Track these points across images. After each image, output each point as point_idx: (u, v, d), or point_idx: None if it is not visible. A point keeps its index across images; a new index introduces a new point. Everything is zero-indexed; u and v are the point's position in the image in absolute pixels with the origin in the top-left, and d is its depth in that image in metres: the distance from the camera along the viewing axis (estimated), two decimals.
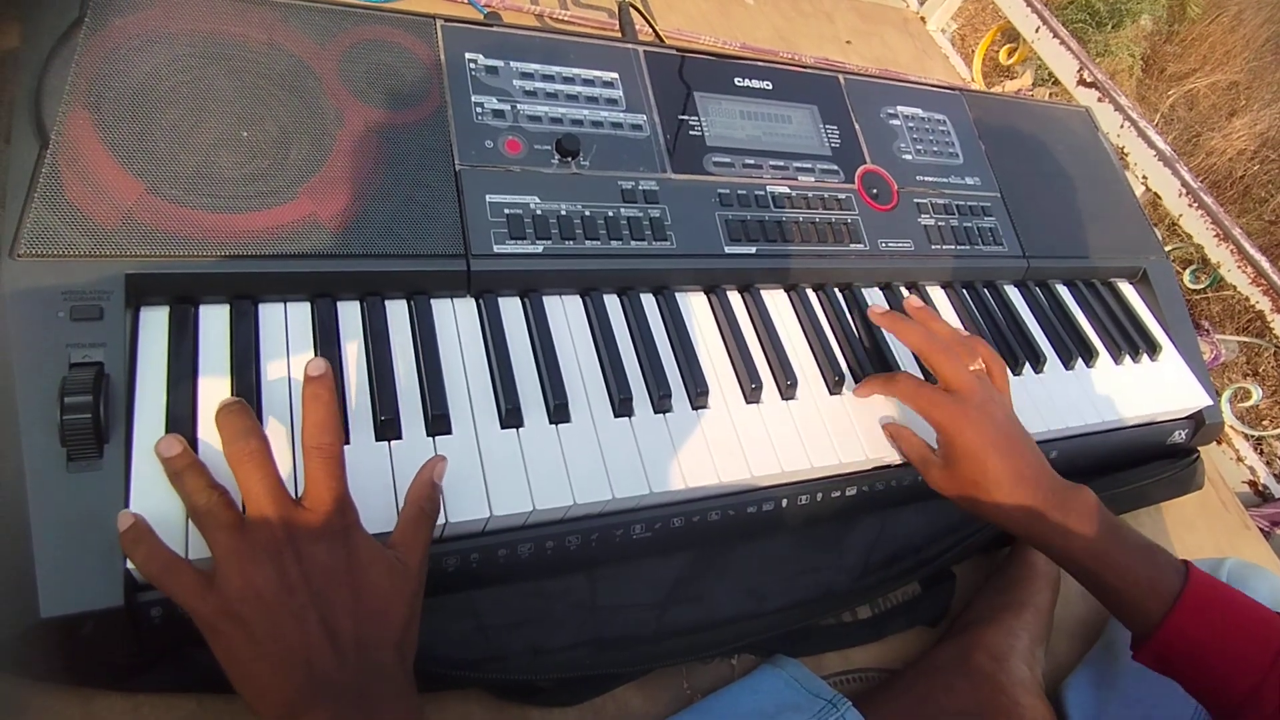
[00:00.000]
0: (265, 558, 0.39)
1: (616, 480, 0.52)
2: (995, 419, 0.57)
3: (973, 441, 0.56)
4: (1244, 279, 1.06)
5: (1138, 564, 0.53)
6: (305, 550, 0.39)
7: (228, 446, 0.41)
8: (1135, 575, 0.52)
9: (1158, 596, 0.52)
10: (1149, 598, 0.52)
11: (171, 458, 0.41)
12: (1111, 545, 0.53)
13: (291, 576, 0.39)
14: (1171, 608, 0.51)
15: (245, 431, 0.41)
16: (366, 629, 0.39)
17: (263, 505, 0.40)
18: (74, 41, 0.49)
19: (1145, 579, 0.52)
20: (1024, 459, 0.56)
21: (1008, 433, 0.57)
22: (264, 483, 0.40)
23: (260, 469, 0.40)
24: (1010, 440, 0.56)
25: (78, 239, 0.45)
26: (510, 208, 0.57)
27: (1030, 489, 0.55)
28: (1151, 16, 3.34)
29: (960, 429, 0.56)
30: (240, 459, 0.41)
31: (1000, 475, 0.55)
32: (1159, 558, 0.54)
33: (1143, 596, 0.52)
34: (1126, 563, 0.53)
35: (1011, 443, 0.56)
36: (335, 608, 0.39)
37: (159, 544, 0.39)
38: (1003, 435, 0.56)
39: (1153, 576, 0.52)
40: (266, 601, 0.38)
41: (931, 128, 0.81)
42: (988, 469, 0.55)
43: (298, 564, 0.39)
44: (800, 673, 0.58)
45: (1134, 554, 0.53)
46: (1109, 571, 0.53)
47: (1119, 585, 0.53)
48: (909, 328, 0.62)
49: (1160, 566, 0.53)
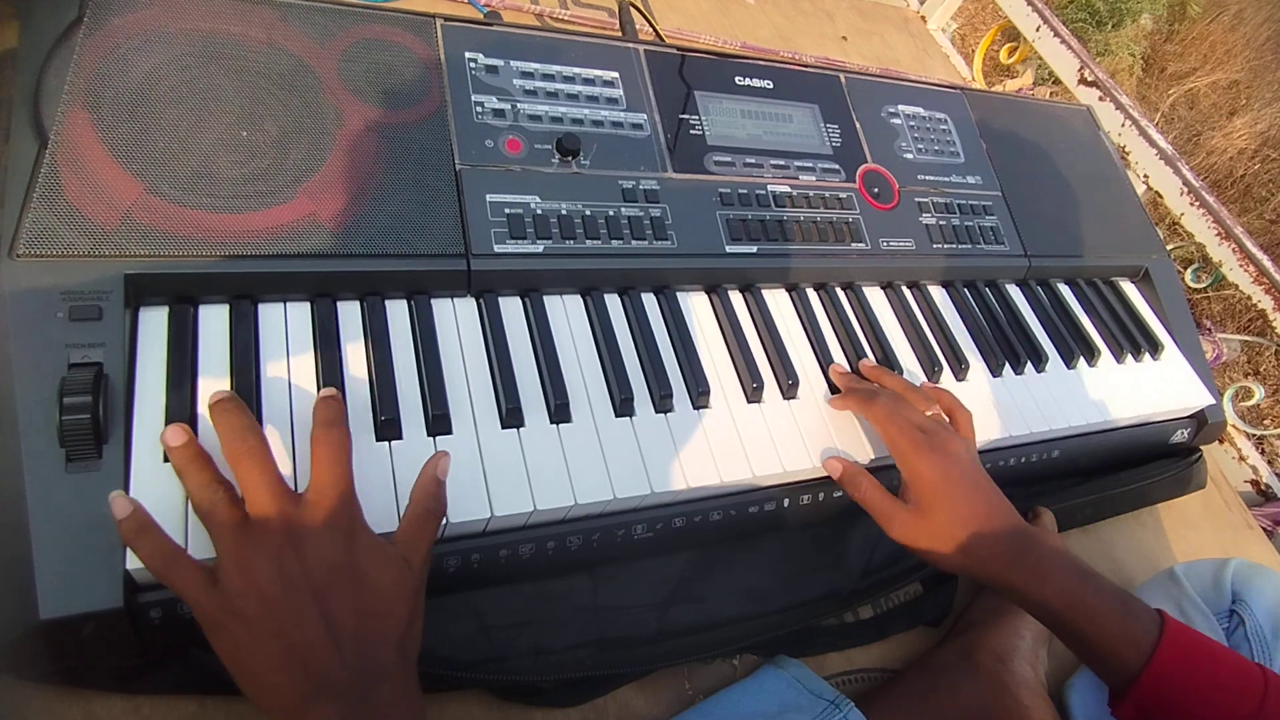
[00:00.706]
0: (267, 555, 0.38)
1: (618, 480, 0.52)
2: (960, 459, 0.56)
3: (937, 478, 0.54)
4: (1246, 278, 1.06)
5: (1113, 611, 0.51)
6: (307, 546, 0.39)
7: (226, 445, 0.41)
8: (1111, 623, 0.50)
9: (1135, 646, 0.49)
10: (1126, 647, 0.49)
11: (177, 448, 0.41)
12: (1085, 591, 0.51)
13: (293, 573, 0.38)
14: (1150, 657, 0.49)
15: (243, 429, 0.41)
16: (368, 626, 0.39)
17: (263, 502, 0.40)
18: (73, 41, 0.49)
19: (1121, 627, 0.50)
20: (992, 500, 0.55)
21: (973, 475, 0.56)
22: (264, 479, 0.40)
23: (259, 466, 0.40)
24: (975, 482, 0.55)
25: (77, 239, 0.45)
26: (511, 207, 0.57)
27: (1000, 529, 0.53)
28: (1152, 15, 3.34)
29: (926, 462, 0.54)
30: (239, 457, 0.41)
31: (969, 514, 0.53)
32: (1133, 605, 0.51)
33: (1120, 645, 0.50)
34: (1102, 611, 0.51)
35: (978, 484, 0.55)
36: (337, 604, 0.39)
37: (163, 537, 0.39)
38: (968, 476, 0.55)
39: (1128, 624, 0.50)
40: (268, 598, 0.38)
41: (932, 127, 0.81)
42: (956, 507, 0.53)
43: (300, 561, 0.39)
44: (802, 673, 0.58)
45: (1108, 600, 0.51)
46: (1083, 619, 0.51)
47: (1094, 634, 0.50)
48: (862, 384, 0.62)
49: (1136, 615, 0.51)
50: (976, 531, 0.53)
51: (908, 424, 0.56)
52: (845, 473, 0.58)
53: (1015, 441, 0.69)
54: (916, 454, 0.55)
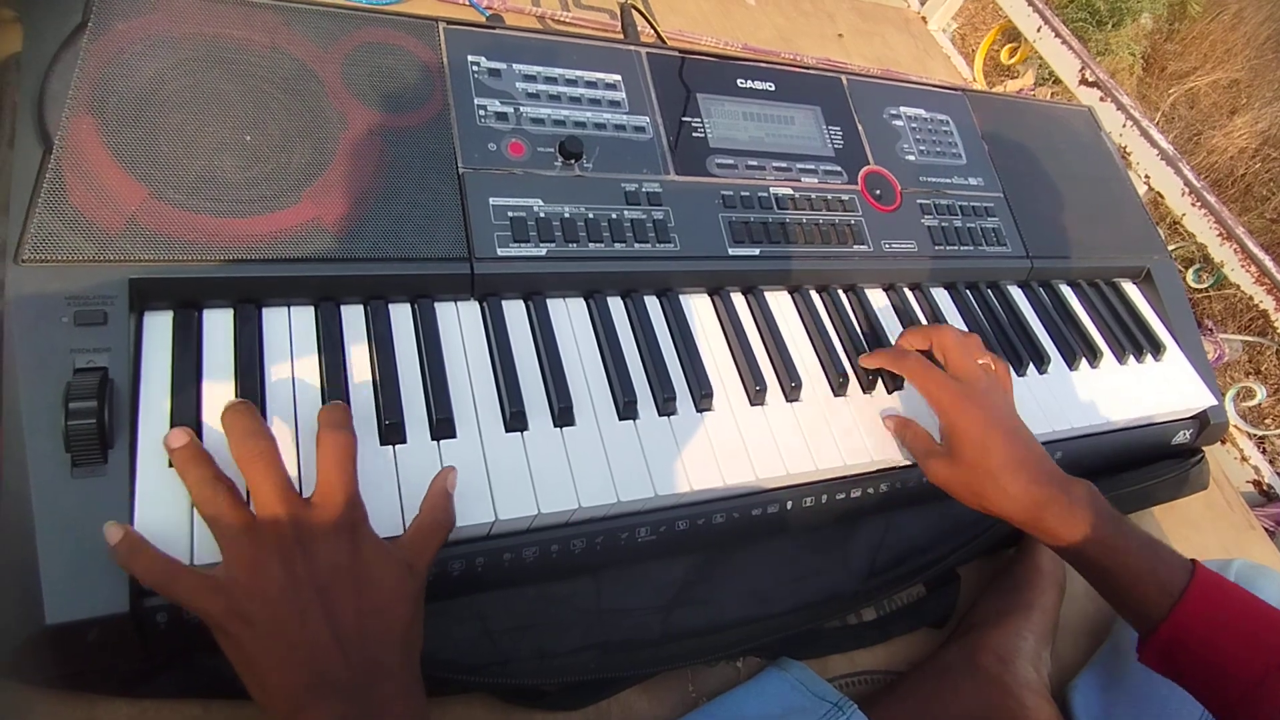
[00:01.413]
0: (273, 557, 0.39)
1: (621, 483, 0.52)
2: (999, 407, 0.58)
3: (977, 425, 0.56)
4: (1247, 278, 1.06)
5: (1144, 556, 0.53)
6: (313, 548, 0.40)
7: (235, 446, 0.41)
8: (1141, 567, 0.52)
9: (1163, 590, 0.51)
10: (1155, 591, 0.51)
11: (178, 449, 0.41)
12: (1117, 537, 0.53)
13: (299, 575, 0.39)
14: (1177, 601, 0.50)
15: (252, 432, 0.41)
16: (371, 625, 0.40)
17: (271, 504, 0.40)
18: (77, 46, 0.49)
19: (1151, 572, 0.52)
20: (1027, 446, 0.57)
21: (1012, 422, 0.58)
22: (272, 481, 0.40)
23: (268, 468, 0.41)
24: (1014, 428, 0.57)
25: (82, 244, 0.45)
26: (514, 210, 0.57)
27: (1034, 475, 0.55)
28: (1152, 15, 3.34)
29: (964, 410, 0.57)
30: (249, 459, 0.41)
31: (1004, 460, 0.55)
32: (1164, 552, 0.53)
33: (1149, 590, 0.52)
34: (1133, 554, 0.53)
35: (1015, 430, 0.57)
36: (341, 604, 0.39)
37: (155, 553, 0.39)
38: (1006, 422, 0.57)
39: (1158, 570, 0.52)
40: (274, 599, 0.38)
41: (934, 128, 0.81)
42: (991, 453, 0.55)
43: (305, 563, 0.39)
44: (806, 675, 0.58)
45: (1140, 546, 0.53)
46: (1115, 563, 0.53)
47: (1125, 578, 0.52)
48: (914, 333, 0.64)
49: (1166, 561, 0.53)
50: (1012, 475, 0.55)
51: (943, 377, 0.59)
52: (895, 425, 0.62)
53: None
54: (954, 404, 0.57)
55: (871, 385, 0.65)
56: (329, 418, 0.44)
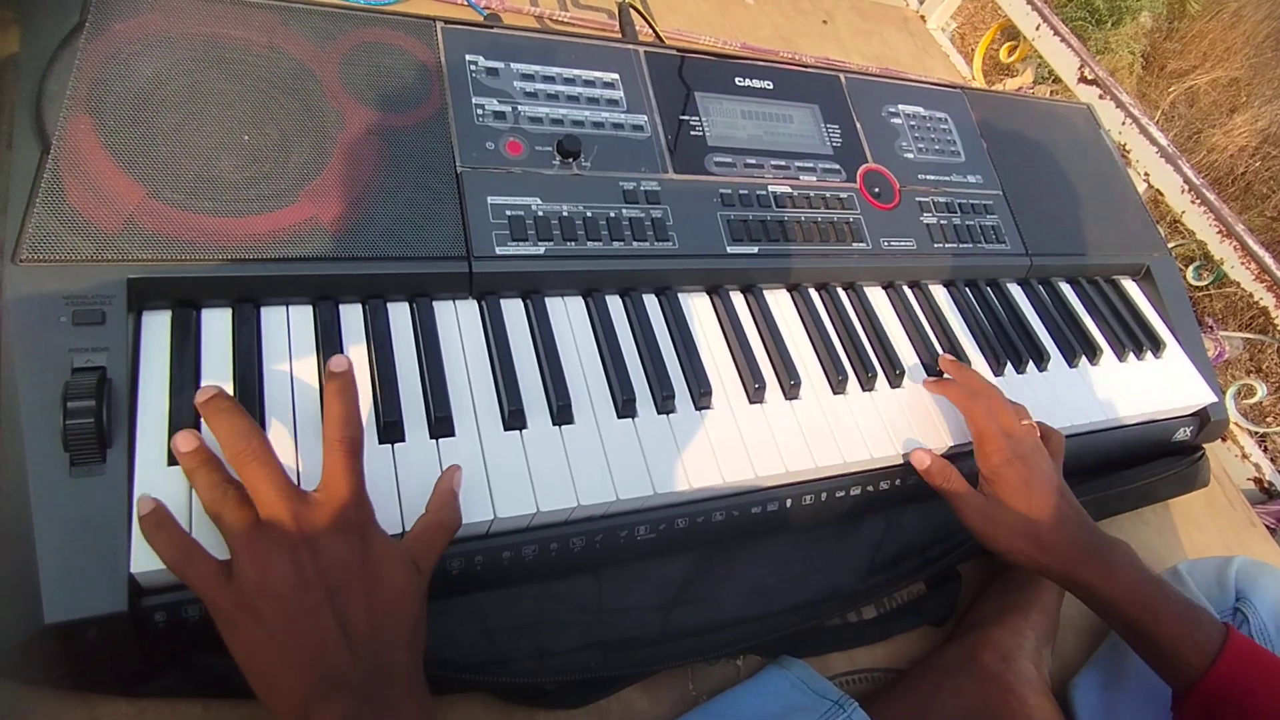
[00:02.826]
0: (282, 554, 0.39)
1: (620, 481, 0.52)
2: (1043, 466, 0.59)
3: (1021, 478, 0.57)
4: (1247, 275, 1.06)
5: (1179, 615, 0.53)
6: (321, 545, 0.40)
7: (228, 449, 0.41)
8: (1177, 627, 0.53)
9: (1199, 650, 0.52)
10: (1191, 651, 0.52)
11: (188, 453, 0.41)
12: (1154, 594, 0.54)
13: (308, 573, 0.39)
14: (1214, 661, 0.51)
15: (245, 432, 0.41)
16: (380, 625, 0.39)
17: (273, 503, 0.40)
18: (75, 46, 0.49)
19: (1188, 632, 0.53)
20: (1070, 504, 0.57)
21: (1056, 482, 0.59)
22: (270, 480, 0.40)
23: (265, 467, 0.40)
24: (1057, 486, 0.58)
25: (80, 244, 0.45)
26: (512, 209, 0.57)
27: (1074, 529, 0.56)
28: (1151, 13, 3.34)
29: (1010, 462, 0.58)
30: (244, 460, 0.40)
31: (1045, 512, 0.56)
32: (1199, 614, 0.54)
33: (1184, 649, 0.52)
34: (1168, 613, 0.53)
35: (1059, 488, 0.58)
36: (350, 603, 0.39)
37: (180, 531, 0.40)
38: (1050, 481, 0.58)
39: (1194, 630, 0.53)
40: (282, 597, 0.38)
41: (933, 126, 0.81)
42: (1034, 506, 0.56)
43: (314, 560, 0.39)
44: (806, 673, 0.58)
45: (1175, 606, 0.54)
46: (1152, 621, 0.53)
47: (1160, 636, 0.53)
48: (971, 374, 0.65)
49: (1201, 622, 0.53)
50: (1051, 529, 0.56)
51: (1001, 429, 0.59)
52: (936, 468, 0.61)
53: None
54: (1002, 458, 0.58)
55: (871, 383, 0.65)
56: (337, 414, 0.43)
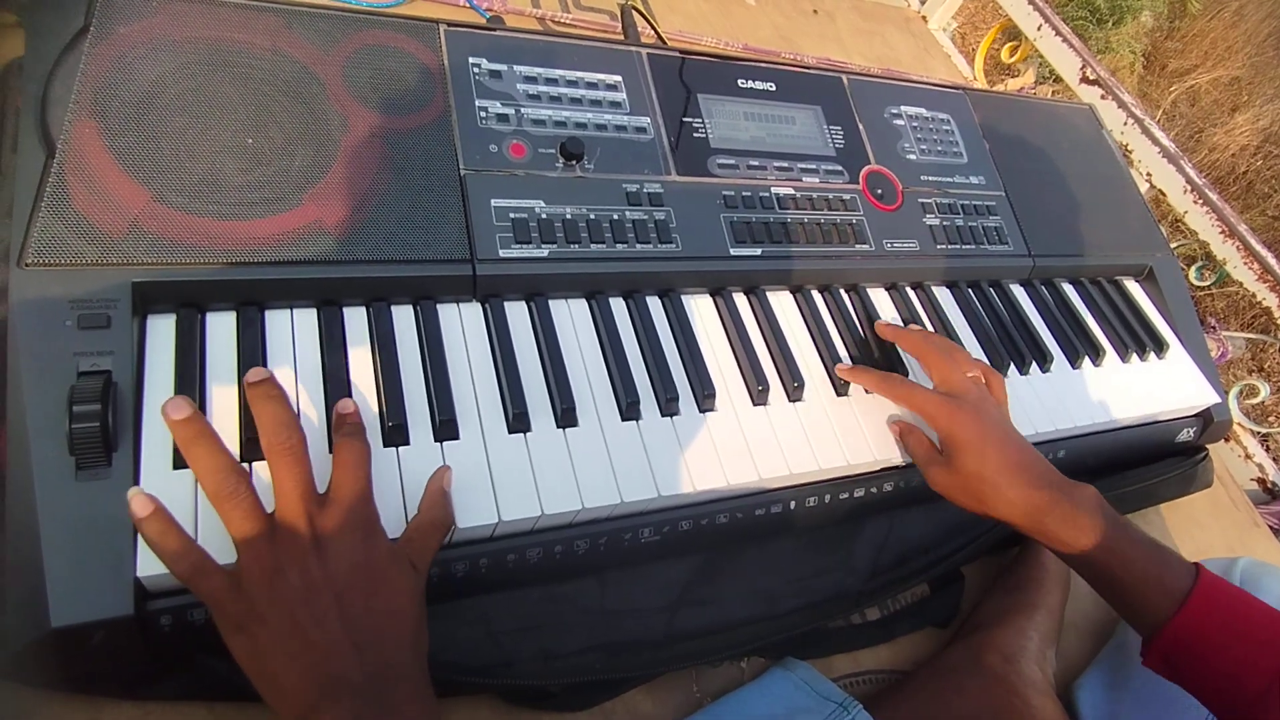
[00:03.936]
0: (292, 565, 0.39)
1: (624, 484, 0.52)
2: (992, 416, 0.58)
3: (971, 434, 0.56)
4: (1250, 275, 1.06)
5: (1148, 559, 0.52)
6: (330, 550, 0.40)
7: (266, 436, 0.41)
8: (1145, 570, 0.52)
9: (1167, 593, 0.51)
10: (1159, 594, 0.51)
11: (180, 421, 0.40)
12: (1121, 539, 0.53)
13: (316, 579, 0.39)
14: (1181, 604, 0.50)
15: (288, 424, 0.41)
16: (384, 626, 0.40)
17: (293, 504, 0.40)
18: (79, 50, 0.49)
19: (1155, 575, 0.52)
20: (1025, 452, 0.57)
21: (1006, 429, 0.58)
22: (296, 480, 0.41)
23: (298, 466, 0.41)
24: (1009, 434, 0.57)
25: (84, 248, 0.45)
26: (515, 212, 0.57)
27: (1034, 479, 0.55)
28: (1152, 13, 3.33)
29: (957, 421, 0.57)
30: (280, 453, 0.41)
31: (1002, 465, 0.55)
32: (1168, 555, 0.53)
33: (1153, 593, 0.51)
34: (1136, 557, 0.52)
35: (1010, 437, 0.57)
36: (356, 607, 0.39)
37: (185, 540, 0.39)
38: (1000, 428, 0.57)
39: (1162, 573, 0.52)
40: (289, 603, 0.38)
41: (935, 127, 0.81)
42: (988, 459, 0.55)
43: (322, 566, 0.40)
44: (810, 675, 0.58)
45: (1143, 549, 0.53)
46: (1119, 566, 0.52)
47: (1129, 581, 0.52)
48: (908, 334, 0.64)
49: (1169, 564, 0.52)
50: (1011, 479, 0.55)
51: (927, 392, 0.59)
52: (900, 430, 0.61)
53: None
54: (948, 416, 0.57)
55: None
56: (346, 419, 0.44)
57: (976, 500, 0.56)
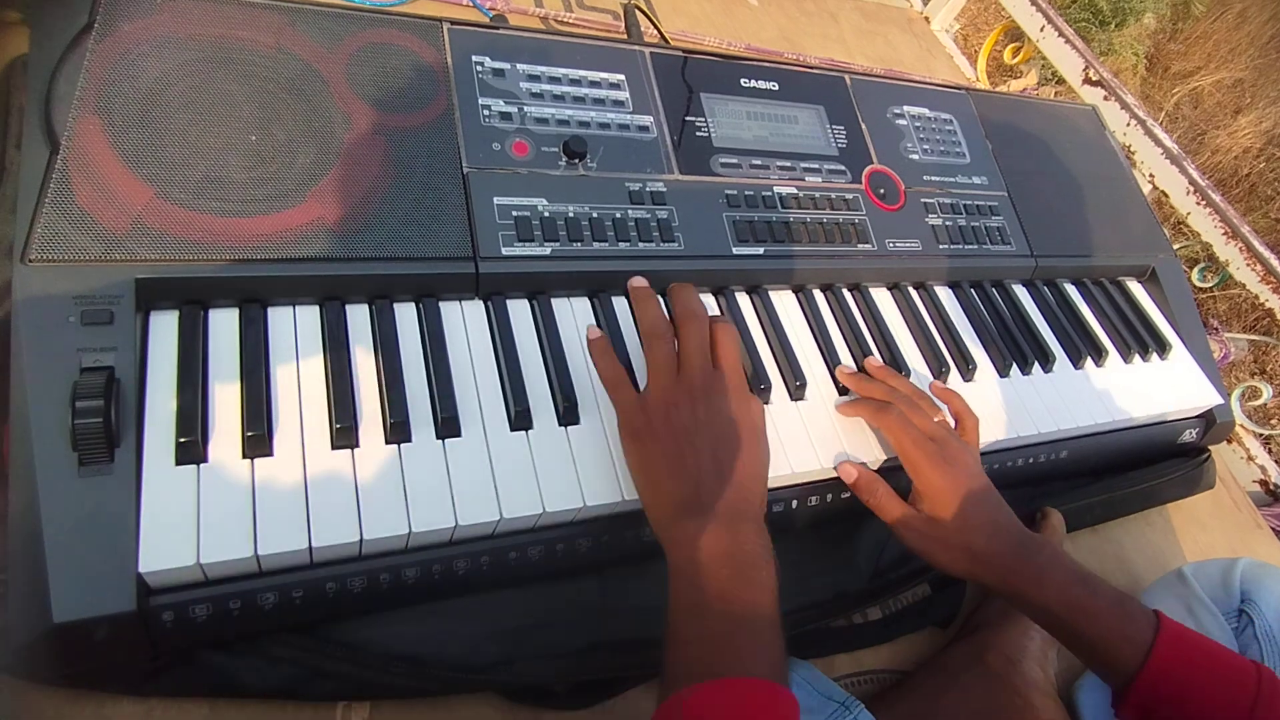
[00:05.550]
0: (686, 399, 0.50)
1: (626, 482, 0.52)
2: (969, 467, 0.57)
3: (948, 487, 0.56)
4: (1253, 276, 1.06)
5: (1111, 612, 0.52)
6: (715, 403, 0.50)
7: (679, 307, 0.55)
8: (1109, 623, 0.52)
9: (1132, 645, 0.51)
10: (1124, 646, 0.51)
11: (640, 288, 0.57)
12: (1084, 594, 0.52)
13: (702, 420, 0.49)
14: (1147, 655, 0.50)
15: (695, 306, 0.55)
16: (743, 471, 0.49)
17: (697, 359, 0.52)
18: (83, 47, 0.49)
19: (1119, 628, 0.51)
20: (997, 508, 0.56)
21: (982, 484, 0.57)
22: (698, 343, 0.53)
23: (702, 333, 0.53)
24: (984, 489, 0.57)
25: (88, 244, 0.45)
26: (518, 210, 0.57)
27: (1005, 536, 0.55)
28: (1155, 14, 3.33)
29: (936, 471, 0.56)
30: (689, 320, 0.54)
31: (977, 522, 0.55)
32: (1131, 606, 0.53)
33: (1118, 645, 0.51)
34: (1100, 611, 0.52)
35: (986, 492, 0.57)
36: (726, 451, 0.49)
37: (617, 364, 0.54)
38: (977, 484, 0.57)
39: (1126, 625, 0.52)
40: (678, 433, 0.49)
41: (938, 127, 0.81)
42: (966, 515, 0.55)
43: (709, 413, 0.50)
44: (811, 675, 0.58)
45: (1106, 602, 0.52)
46: (1083, 621, 0.52)
47: (1094, 635, 0.52)
48: (872, 385, 0.62)
49: (1133, 616, 0.52)
50: (984, 538, 0.55)
51: (920, 435, 0.58)
52: (861, 479, 0.59)
53: (1023, 442, 0.68)
54: (930, 465, 0.56)
55: None
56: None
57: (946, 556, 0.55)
